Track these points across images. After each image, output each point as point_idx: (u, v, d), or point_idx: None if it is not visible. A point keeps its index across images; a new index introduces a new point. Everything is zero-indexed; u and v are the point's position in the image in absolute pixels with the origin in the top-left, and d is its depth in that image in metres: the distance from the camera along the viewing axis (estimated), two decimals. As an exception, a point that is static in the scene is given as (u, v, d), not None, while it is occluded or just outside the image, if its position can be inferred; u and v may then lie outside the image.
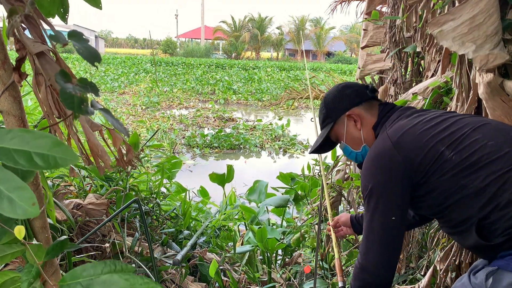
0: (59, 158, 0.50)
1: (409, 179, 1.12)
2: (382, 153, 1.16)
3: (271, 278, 2.66)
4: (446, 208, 1.11)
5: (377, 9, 2.69)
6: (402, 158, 1.11)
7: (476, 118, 1.17)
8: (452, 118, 1.16)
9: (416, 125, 1.16)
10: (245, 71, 26.19)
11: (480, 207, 1.04)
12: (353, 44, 44.91)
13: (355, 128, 1.35)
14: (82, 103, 0.61)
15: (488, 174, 1.03)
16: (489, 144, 1.06)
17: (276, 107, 13.95)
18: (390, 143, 1.15)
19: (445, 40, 1.34)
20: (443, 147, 1.08)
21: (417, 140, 1.12)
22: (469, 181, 1.05)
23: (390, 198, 1.14)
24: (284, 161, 8.19)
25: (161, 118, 10.99)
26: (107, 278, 0.56)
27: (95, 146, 0.83)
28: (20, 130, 0.51)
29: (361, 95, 1.34)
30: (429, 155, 1.09)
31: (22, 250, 0.81)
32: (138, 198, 1.82)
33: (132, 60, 29.96)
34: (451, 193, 1.08)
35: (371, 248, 1.17)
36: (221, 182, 4.13)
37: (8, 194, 0.49)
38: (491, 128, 1.11)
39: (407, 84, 2.42)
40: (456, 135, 1.10)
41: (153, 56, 17.56)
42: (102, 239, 2.04)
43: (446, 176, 1.07)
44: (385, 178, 1.14)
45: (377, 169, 1.16)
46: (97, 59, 0.68)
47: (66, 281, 0.57)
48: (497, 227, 1.02)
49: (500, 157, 1.04)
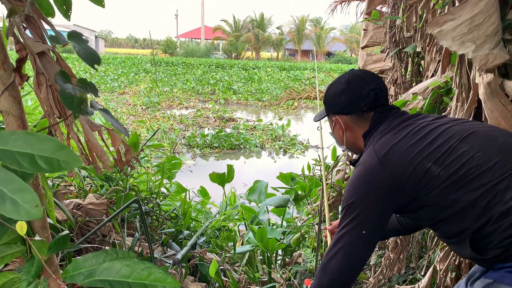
0: (62, 162, 0.50)
1: (393, 196, 1.11)
2: (368, 169, 1.15)
3: (271, 278, 2.66)
4: (439, 222, 1.11)
5: (377, 9, 2.69)
6: (388, 175, 1.10)
7: (464, 126, 1.14)
8: (439, 128, 1.13)
9: (403, 139, 1.13)
10: (245, 71, 26.18)
11: (473, 221, 1.02)
12: (353, 44, 44.90)
13: (339, 131, 1.36)
14: (82, 103, 0.61)
15: (477, 187, 1.02)
16: (476, 155, 1.04)
17: (276, 107, 13.95)
18: (376, 159, 1.13)
19: (444, 40, 1.34)
20: (430, 163, 1.07)
21: (403, 156, 1.10)
22: (459, 195, 1.03)
23: (369, 214, 1.13)
24: (284, 161, 8.19)
25: (161, 118, 10.99)
26: (109, 266, 0.56)
27: (94, 146, 0.83)
28: (23, 133, 0.51)
29: (352, 107, 1.29)
30: (416, 171, 1.08)
31: (22, 250, 0.81)
32: (138, 198, 1.82)
33: (132, 60, 29.96)
34: (442, 208, 1.07)
35: (332, 261, 1.17)
36: (221, 182, 4.13)
37: (11, 196, 0.49)
38: (478, 137, 1.09)
39: (407, 84, 2.42)
40: (443, 149, 1.08)
41: (153, 56, 17.56)
42: (102, 239, 2.04)
43: (435, 191, 1.06)
44: (368, 194, 1.14)
45: (361, 184, 1.16)
46: (96, 61, 0.68)
47: (69, 272, 0.57)
48: (492, 239, 1.01)
49: (489, 169, 1.02)
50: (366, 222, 1.13)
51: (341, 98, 1.30)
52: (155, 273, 0.55)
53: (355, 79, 1.29)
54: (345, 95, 1.29)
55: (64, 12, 0.85)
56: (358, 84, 1.28)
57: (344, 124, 1.32)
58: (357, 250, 1.15)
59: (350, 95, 1.28)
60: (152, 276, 0.54)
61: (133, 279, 0.54)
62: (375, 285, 2.25)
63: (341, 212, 1.20)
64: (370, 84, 1.27)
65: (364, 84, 1.27)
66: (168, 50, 48.62)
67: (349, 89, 1.29)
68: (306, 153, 8.56)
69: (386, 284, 2.20)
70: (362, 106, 1.27)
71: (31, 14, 0.71)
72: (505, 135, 1.11)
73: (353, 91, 1.28)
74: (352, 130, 1.32)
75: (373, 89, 1.26)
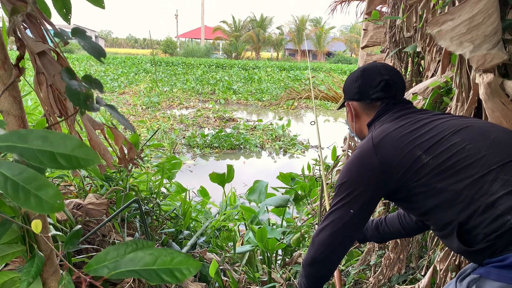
0: (81, 159, 0.52)
1: (383, 181, 1.15)
2: (362, 152, 1.20)
3: (271, 278, 2.66)
4: (428, 211, 1.12)
5: (377, 9, 2.69)
6: (379, 160, 1.15)
7: (460, 121, 1.17)
8: (436, 121, 1.17)
9: (399, 128, 1.18)
10: (245, 71, 26.19)
11: (459, 212, 1.04)
12: (353, 44, 44.91)
13: (350, 116, 1.42)
14: (88, 99, 0.62)
15: (464, 178, 1.03)
16: (467, 147, 1.06)
17: (276, 107, 13.95)
18: (371, 144, 1.18)
19: (443, 40, 1.34)
20: (421, 151, 1.10)
21: (395, 144, 1.15)
22: (446, 184, 1.05)
23: (359, 195, 1.18)
24: (284, 161, 8.19)
25: (161, 118, 10.99)
26: (133, 256, 0.58)
27: (97, 144, 0.83)
28: (42, 131, 0.53)
29: (362, 94, 1.34)
30: (405, 159, 1.11)
31: (22, 250, 0.81)
32: (138, 198, 1.82)
33: (132, 60, 29.97)
34: (429, 197, 1.09)
35: (323, 230, 1.22)
36: (221, 182, 4.13)
37: (35, 192, 0.51)
38: (472, 130, 1.11)
39: (407, 84, 2.42)
40: (435, 139, 1.11)
41: (153, 56, 17.58)
42: (102, 239, 2.04)
43: (423, 180, 1.08)
44: (359, 176, 1.19)
45: (355, 166, 1.21)
46: (102, 54, 0.70)
47: (92, 266, 0.58)
48: (478, 232, 1.02)
49: (477, 160, 1.04)
50: (354, 201, 1.18)
51: (354, 85, 1.36)
52: (177, 257, 0.57)
53: (371, 69, 1.35)
54: (359, 81, 1.35)
55: (64, 16, 0.85)
56: (372, 73, 1.34)
57: (354, 110, 1.39)
58: (343, 227, 1.20)
59: (362, 82, 1.34)
60: (176, 260, 0.57)
61: (158, 265, 0.56)
62: (375, 285, 2.25)
63: (334, 191, 1.26)
64: (383, 75, 1.32)
65: (378, 74, 1.33)
66: (168, 50, 48.62)
67: (363, 77, 1.35)
68: (306, 153, 8.56)
69: (386, 284, 2.21)
70: (371, 94, 1.32)
71: (33, 13, 0.71)
72: (499, 130, 1.13)
73: (366, 79, 1.34)
74: (360, 117, 1.39)
75: (385, 79, 1.31)
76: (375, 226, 1.62)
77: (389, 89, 1.31)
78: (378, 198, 1.21)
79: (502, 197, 0.98)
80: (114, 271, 0.56)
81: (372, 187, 1.17)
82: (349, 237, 1.23)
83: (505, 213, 0.97)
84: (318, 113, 12.54)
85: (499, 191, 0.99)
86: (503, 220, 0.97)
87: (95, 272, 0.57)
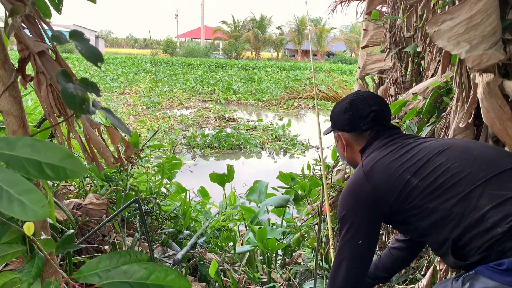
0: (69, 170, 0.51)
1: (378, 207, 1.20)
2: (355, 182, 1.25)
3: (271, 278, 2.66)
4: (424, 232, 1.16)
5: (377, 9, 2.69)
6: (371, 187, 1.20)
7: (443, 142, 1.23)
8: (421, 145, 1.22)
9: (387, 155, 1.23)
10: (245, 71, 26.17)
11: (451, 229, 1.07)
12: (353, 44, 44.91)
13: (341, 146, 1.46)
14: (84, 103, 0.62)
15: (453, 196, 1.07)
16: (452, 166, 1.11)
17: (276, 107, 13.95)
18: (363, 173, 1.23)
19: (440, 39, 1.35)
20: (409, 174, 1.14)
21: (385, 170, 1.20)
22: (437, 204, 1.09)
23: (360, 224, 1.22)
24: (284, 161, 8.19)
25: (162, 118, 10.99)
26: (127, 268, 0.58)
27: (96, 143, 0.83)
28: (31, 139, 0.52)
29: (352, 125, 1.38)
30: (396, 183, 1.16)
31: (22, 250, 0.81)
32: (138, 198, 1.82)
33: (132, 60, 29.94)
34: (423, 217, 1.13)
35: (339, 271, 1.27)
36: (221, 182, 4.13)
37: (18, 197, 0.50)
38: (455, 150, 1.16)
39: (407, 84, 2.42)
40: (422, 162, 1.15)
41: (153, 56, 17.57)
42: (102, 239, 2.04)
43: (415, 202, 1.13)
44: (355, 205, 1.23)
45: (349, 196, 1.26)
46: (99, 59, 0.69)
47: (82, 273, 0.58)
48: (471, 247, 1.05)
49: (463, 178, 1.08)
50: (359, 232, 1.23)
51: (344, 116, 1.40)
52: (171, 275, 0.57)
53: (358, 100, 1.39)
54: (348, 114, 1.39)
55: (55, 6, 0.84)
56: (360, 104, 1.37)
57: (345, 141, 1.43)
58: (357, 259, 1.26)
59: (352, 114, 1.38)
60: (169, 277, 0.57)
61: (152, 281, 0.57)
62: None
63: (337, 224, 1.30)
64: (372, 106, 1.36)
65: (366, 105, 1.37)
66: (168, 50, 48.61)
67: (352, 109, 1.38)
68: (306, 153, 8.56)
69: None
70: (362, 126, 1.37)
71: (32, 13, 0.71)
72: (482, 147, 1.19)
73: (355, 111, 1.38)
74: (352, 147, 1.42)
75: (374, 110, 1.35)
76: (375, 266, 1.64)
77: (379, 119, 1.36)
78: (378, 222, 1.25)
79: (489, 211, 1.02)
80: (106, 280, 0.56)
81: (370, 214, 1.22)
82: (367, 264, 1.28)
83: (495, 226, 1.00)
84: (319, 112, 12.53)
85: (486, 206, 1.03)
86: (493, 232, 1.01)
87: (85, 279, 0.57)
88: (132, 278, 0.56)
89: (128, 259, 0.59)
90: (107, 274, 0.57)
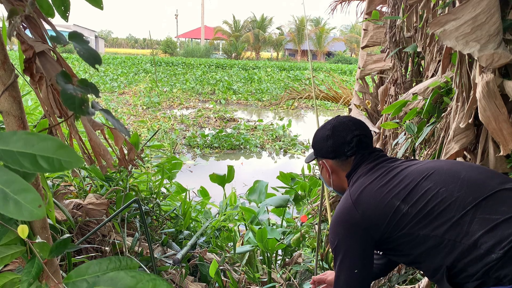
0: (63, 161, 0.50)
1: (369, 234, 1.18)
2: (343, 210, 1.23)
3: (271, 278, 2.66)
4: (416, 259, 1.15)
5: (377, 9, 2.69)
6: (360, 215, 1.17)
7: (429, 165, 1.20)
8: (407, 169, 1.21)
9: (374, 181, 1.21)
10: (245, 71, 26.17)
11: (445, 256, 1.06)
12: (353, 44, 44.90)
13: (326, 173, 1.43)
14: (83, 104, 0.61)
15: (443, 222, 1.06)
16: (440, 191, 1.09)
17: (276, 107, 13.95)
18: (351, 201, 1.21)
19: (448, 39, 1.34)
20: (398, 201, 1.13)
21: (374, 197, 1.18)
22: (428, 231, 1.08)
23: (353, 253, 1.20)
24: (284, 161, 8.19)
25: (162, 118, 10.99)
26: (114, 275, 0.56)
27: (97, 145, 0.83)
28: (25, 133, 0.51)
29: (336, 152, 1.35)
30: (386, 210, 1.14)
31: (22, 251, 0.81)
32: (138, 198, 1.82)
33: (132, 60, 29.94)
34: (415, 245, 1.11)
35: None
36: (221, 182, 4.13)
37: (14, 196, 0.49)
38: (442, 173, 1.14)
39: (407, 84, 2.41)
40: (410, 187, 1.14)
41: (153, 56, 17.56)
42: (102, 239, 2.03)
43: (406, 229, 1.11)
44: (346, 234, 1.21)
45: (339, 226, 1.23)
46: (97, 61, 0.68)
47: (71, 278, 0.57)
48: (466, 274, 1.03)
49: (452, 203, 1.06)
50: (353, 260, 1.21)
51: (327, 144, 1.37)
52: (159, 285, 0.56)
53: (340, 126, 1.36)
54: (330, 140, 1.36)
55: (62, 13, 0.85)
56: (342, 131, 1.35)
57: (330, 168, 1.40)
58: (355, 286, 1.22)
59: (335, 141, 1.35)
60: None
61: None
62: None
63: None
64: (354, 130, 1.34)
65: (348, 131, 1.34)
66: (168, 50, 48.60)
67: (334, 135, 1.36)
68: (306, 153, 8.56)
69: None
70: (346, 152, 1.34)
71: (31, 14, 0.71)
72: (467, 169, 1.16)
73: (337, 137, 1.35)
74: (337, 173, 1.40)
75: (357, 135, 1.33)
76: None
77: (362, 144, 1.34)
78: (371, 249, 1.23)
79: (482, 236, 1.01)
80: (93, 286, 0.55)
81: (362, 242, 1.20)
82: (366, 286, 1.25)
83: (489, 252, 0.99)
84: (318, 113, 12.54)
85: (478, 231, 1.01)
86: (488, 259, 0.99)
87: (74, 285, 0.56)
88: (118, 286, 0.54)
89: (118, 265, 0.57)
90: (94, 280, 0.56)
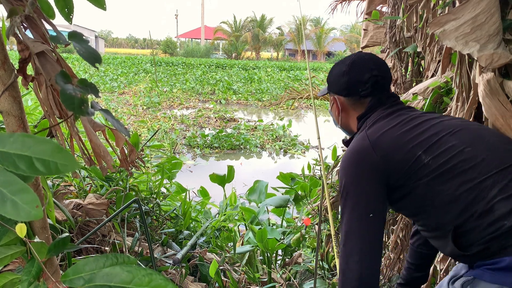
0: (60, 164, 0.50)
1: (384, 178, 1.11)
2: (359, 151, 1.15)
3: (271, 278, 2.66)
4: (423, 212, 1.10)
5: (377, 9, 2.69)
6: (379, 158, 1.10)
7: (455, 122, 1.15)
8: (430, 121, 1.15)
9: (395, 126, 1.15)
10: (245, 71, 26.16)
11: (456, 215, 1.02)
12: (353, 44, 44.87)
13: (336, 109, 1.36)
14: (83, 104, 0.61)
15: (463, 182, 1.02)
16: (465, 150, 1.05)
17: (276, 107, 13.95)
18: (368, 142, 1.14)
19: (448, 39, 1.34)
20: (420, 151, 1.07)
21: (395, 141, 1.11)
22: (445, 188, 1.04)
23: (368, 196, 1.12)
24: (284, 161, 8.18)
25: (162, 118, 10.99)
26: (109, 271, 0.56)
27: (97, 146, 0.83)
28: (22, 135, 0.51)
29: (350, 90, 1.28)
30: (407, 158, 1.08)
31: (21, 251, 0.81)
32: (138, 198, 1.82)
33: (132, 60, 29.93)
34: (427, 198, 1.07)
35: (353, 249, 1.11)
36: (221, 182, 4.13)
37: (11, 197, 0.49)
38: (469, 133, 1.10)
39: (407, 84, 2.41)
40: (433, 139, 1.08)
41: (153, 56, 17.56)
42: (102, 239, 2.04)
43: (423, 180, 1.06)
44: (361, 176, 1.13)
45: (353, 166, 1.15)
46: (97, 60, 0.68)
47: (68, 276, 0.57)
48: (473, 236, 1.01)
49: (476, 165, 1.03)
50: (367, 205, 1.11)
51: (342, 80, 1.29)
52: (156, 280, 0.55)
53: (359, 63, 1.28)
54: (346, 77, 1.28)
55: (66, 15, 0.85)
56: (360, 68, 1.27)
57: (341, 105, 1.33)
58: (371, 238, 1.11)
59: (351, 78, 1.27)
60: (153, 282, 0.54)
61: (134, 285, 0.54)
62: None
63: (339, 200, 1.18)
64: (373, 70, 1.25)
65: (366, 69, 1.26)
66: (168, 50, 48.60)
67: (351, 72, 1.27)
68: (306, 153, 8.56)
69: (386, 284, 2.20)
70: (361, 91, 1.27)
71: (31, 14, 0.71)
72: (492, 134, 1.13)
73: (354, 74, 1.27)
74: (347, 112, 1.33)
75: (375, 75, 1.25)
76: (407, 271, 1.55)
77: (379, 85, 1.26)
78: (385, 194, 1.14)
79: (499, 202, 0.98)
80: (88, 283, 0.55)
81: (377, 186, 1.11)
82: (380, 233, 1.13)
83: (502, 218, 0.97)
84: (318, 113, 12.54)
85: (496, 196, 0.99)
86: (499, 225, 0.97)
87: (71, 282, 0.56)
88: (114, 282, 0.54)
89: (114, 261, 0.57)
90: (90, 276, 0.55)
